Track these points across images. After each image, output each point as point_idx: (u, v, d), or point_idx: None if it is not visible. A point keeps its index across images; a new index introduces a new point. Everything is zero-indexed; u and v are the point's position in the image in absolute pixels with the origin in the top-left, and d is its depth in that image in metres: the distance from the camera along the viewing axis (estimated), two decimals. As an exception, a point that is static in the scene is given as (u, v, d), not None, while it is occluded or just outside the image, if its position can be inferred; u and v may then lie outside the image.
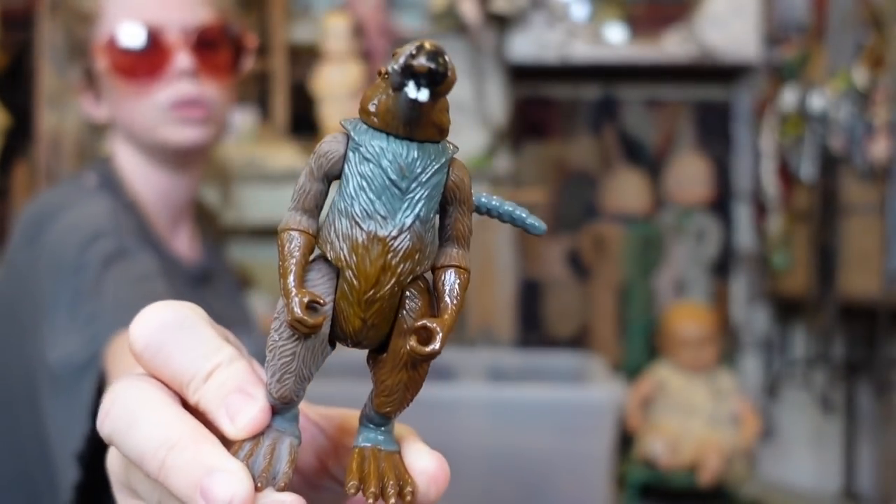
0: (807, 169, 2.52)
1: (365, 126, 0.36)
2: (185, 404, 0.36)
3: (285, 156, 2.58)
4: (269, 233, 1.32)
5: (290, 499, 0.34)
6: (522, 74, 2.81)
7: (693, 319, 2.60)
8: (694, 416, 2.53)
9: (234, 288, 1.24)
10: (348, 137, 0.36)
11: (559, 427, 1.63)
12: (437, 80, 0.32)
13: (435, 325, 0.36)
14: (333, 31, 2.62)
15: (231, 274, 1.25)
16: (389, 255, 0.36)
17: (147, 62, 1.01)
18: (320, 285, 0.37)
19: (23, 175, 2.86)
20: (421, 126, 0.35)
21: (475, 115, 2.70)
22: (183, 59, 1.02)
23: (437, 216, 0.38)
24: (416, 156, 0.35)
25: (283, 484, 0.35)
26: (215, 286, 1.14)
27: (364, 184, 0.36)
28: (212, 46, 1.05)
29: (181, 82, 1.02)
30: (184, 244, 1.11)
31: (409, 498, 0.37)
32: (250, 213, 2.62)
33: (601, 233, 2.86)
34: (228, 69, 1.08)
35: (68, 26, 1.07)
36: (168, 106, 1.03)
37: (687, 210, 2.84)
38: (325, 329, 0.37)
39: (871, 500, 2.83)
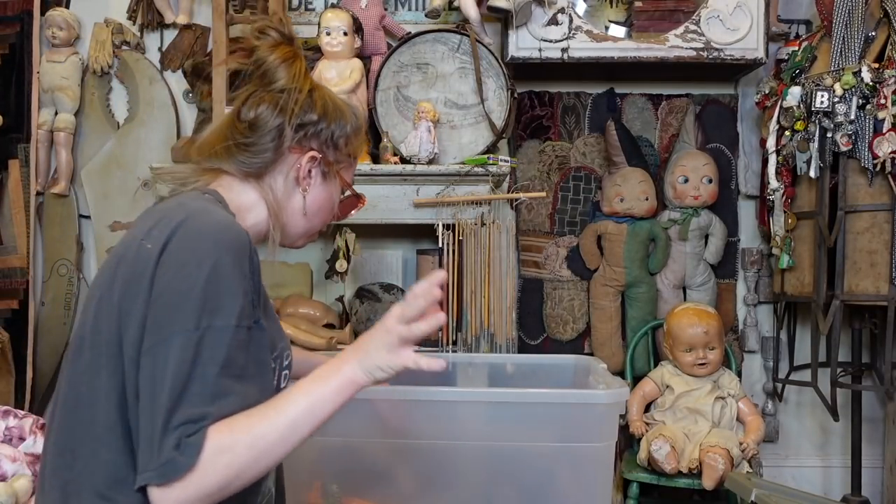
0: (812, 167, 2.49)
1: None
2: None
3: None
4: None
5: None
6: (523, 71, 2.78)
7: (697, 320, 2.57)
8: (697, 418, 2.50)
9: None
10: None
11: (561, 429, 1.61)
12: None
13: None
14: (331, 28, 2.59)
15: None
16: None
17: (336, 209, 1.42)
18: None
19: (16, 173, 2.84)
20: None
21: (475, 112, 2.67)
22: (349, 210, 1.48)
23: None
24: None
25: None
26: None
27: None
28: None
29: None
30: None
31: None
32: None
33: (603, 232, 2.83)
34: None
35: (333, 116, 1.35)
36: (314, 232, 1.41)
37: (691, 209, 2.81)
38: None
39: (876, 504, 2.80)
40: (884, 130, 2.37)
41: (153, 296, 1.10)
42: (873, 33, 2.48)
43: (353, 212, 1.49)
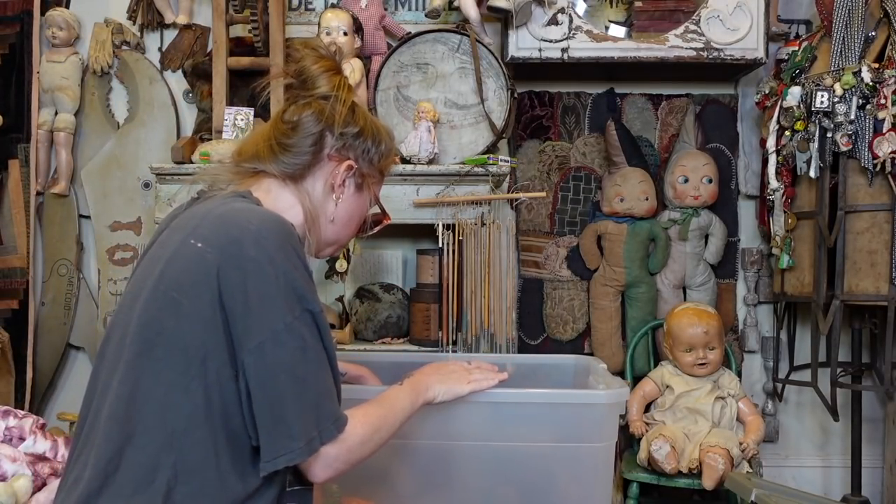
0: (812, 167, 2.49)
1: None
2: None
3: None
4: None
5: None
6: (523, 71, 2.78)
7: (697, 320, 2.57)
8: (697, 418, 2.50)
9: None
10: None
11: (561, 429, 1.61)
12: None
13: None
14: (331, 28, 2.59)
15: None
16: None
17: (365, 223, 1.51)
18: None
19: (16, 173, 2.84)
20: None
21: (475, 112, 2.67)
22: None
23: None
24: None
25: None
26: None
27: None
28: None
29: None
30: None
31: None
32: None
33: (603, 232, 2.83)
34: None
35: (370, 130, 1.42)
36: (343, 243, 1.47)
37: (691, 209, 2.81)
38: None
39: (876, 504, 2.80)
40: (884, 130, 2.37)
41: (233, 301, 1.16)
42: (873, 33, 2.48)
43: (377, 228, 1.57)
